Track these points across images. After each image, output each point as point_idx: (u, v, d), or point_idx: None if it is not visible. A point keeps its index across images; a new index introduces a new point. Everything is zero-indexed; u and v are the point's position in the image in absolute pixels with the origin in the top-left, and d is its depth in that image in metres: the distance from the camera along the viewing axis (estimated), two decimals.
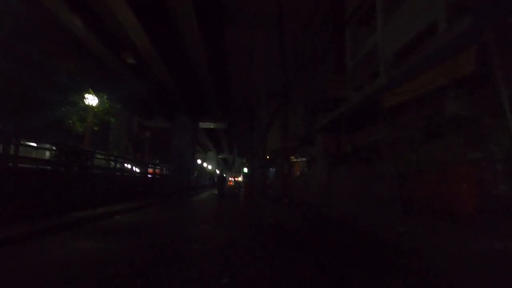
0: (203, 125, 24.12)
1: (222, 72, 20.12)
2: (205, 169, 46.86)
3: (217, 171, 58.88)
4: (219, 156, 59.72)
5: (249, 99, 24.28)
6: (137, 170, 12.70)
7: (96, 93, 8.05)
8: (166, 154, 22.45)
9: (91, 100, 7.89)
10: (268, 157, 26.01)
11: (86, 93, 7.82)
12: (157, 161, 23.42)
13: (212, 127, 24.51)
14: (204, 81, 19.36)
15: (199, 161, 36.53)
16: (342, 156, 11.51)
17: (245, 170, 65.11)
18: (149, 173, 13.99)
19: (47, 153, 6.51)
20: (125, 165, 12.83)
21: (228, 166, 76.60)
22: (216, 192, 21.43)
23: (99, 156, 7.49)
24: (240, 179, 72.26)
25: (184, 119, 22.40)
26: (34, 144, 6.21)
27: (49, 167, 5.86)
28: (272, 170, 28.65)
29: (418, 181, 5.64)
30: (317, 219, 5.84)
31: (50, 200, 5.25)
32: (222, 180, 12.26)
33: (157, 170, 14.67)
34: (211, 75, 18.74)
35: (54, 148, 5.75)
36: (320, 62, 14.10)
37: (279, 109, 13.65)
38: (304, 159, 17.12)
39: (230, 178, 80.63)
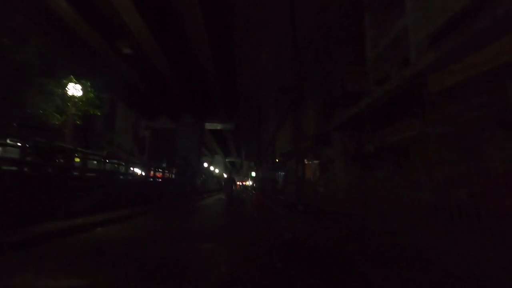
0: (210, 126, 23.08)
1: (229, 68, 19.07)
2: (212, 172, 45.86)
3: (225, 175, 57.96)
4: (226, 160, 58.74)
5: (258, 97, 23.12)
6: (135, 173, 11.62)
7: (78, 80, 6.90)
8: (170, 156, 21.51)
9: (74, 89, 6.79)
10: (277, 160, 24.84)
11: (67, 80, 6.71)
12: (163, 164, 22.47)
13: (219, 128, 23.45)
14: (210, 77, 18.35)
15: (205, 165, 35.53)
16: (365, 157, 10.15)
17: (253, 174, 63.99)
18: (150, 177, 12.93)
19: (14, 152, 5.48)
20: (121, 167, 11.77)
21: (236, 169, 75.58)
22: (223, 197, 20.10)
23: (78, 154, 6.39)
24: (247, 183, 71.01)
25: (190, 119, 21.43)
26: None
27: (15, 168, 4.79)
28: (281, 173, 27.39)
29: (483, 187, 4.26)
30: (353, 235, 4.51)
31: (10, 208, 4.14)
32: (230, 183, 9.65)
33: (158, 174, 13.62)
34: (217, 70, 17.71)
35: (21, 144, 4.67)
36: (337, 53, 12.76)
37: (291, 106, 12.41)
38: (316, 161, 15.78)
39: (238, 182, 79.55)
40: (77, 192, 5.90)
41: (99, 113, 7.30)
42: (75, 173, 6.15)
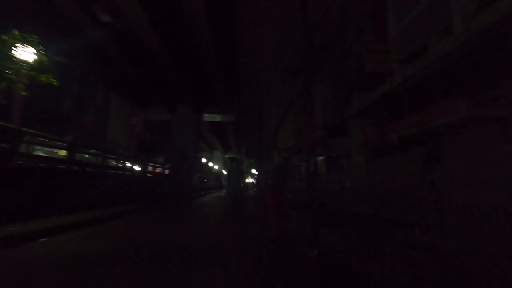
0: (208, 117, 21.52)
1: (231, 51, 17.47)
2: (211, 169, 44.45)
3: (224, 172, 56.77)
4: (226, 156, 57.24)
5: (260, 87, 21.57)
6: (124, 167, 10.09)
7: (25, 37, 5.24)
8: (166, 150, 19.97)
9: (24, 52, 5.17)
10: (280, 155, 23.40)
11: (10, 37, 5.08)
12: (160, 159, 20.91)
13: (218, 119, 21.91)
14: (209, 61, 16.76)
15: (204, 160, 34.07)
16: (389, 149, 8.75)
17: (253, 171, 62.85)
18: (139, 171, 11.45)
19: None
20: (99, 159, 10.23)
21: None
22: (223, 194, 18.56)
23: (26, 138, 4.84)
24: (248, 180, 69.65)
25: (187, 110, 19.89)
26: None
27: None
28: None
29: None
30: (413, 256, 3.01)
31: None
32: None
33: (149, 168, 12.13)
34: (217, 54, 16.12)
35: None
36: (354, 30, 11.16)
37: (300, 91, 10.88)
38: (321, 157, 14.34)
39: None
40: (26, 187, 4.43)
41: (54, 82, 5.72)
42: (20, 162, 4.65)
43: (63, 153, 7.64)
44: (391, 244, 3.33)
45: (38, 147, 6.55)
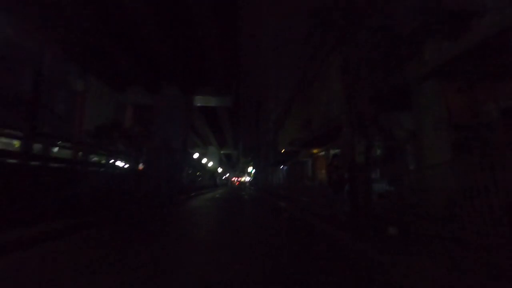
0: (200, 100, 17.88)
1: (229, 16, 13.90)
2: (205, 166, 40.91)
3: (219, 169, 53.28)
4: (222, 152, 53.67)
5: (264, 60, 17.97)
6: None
7: None
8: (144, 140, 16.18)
9: None
10: (283, 151, 20.60)
11: None
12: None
13: (212, 104, 18.25)
14: (202, 28, 13.18)
15: (196, 155, 30.45)
16: (485, 127, 5.64)
17: (250, 169, 59.81)
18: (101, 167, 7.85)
19: None
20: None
21: (232, 164, 70.74)
22: (218, 195, 15.48)
23: None
24: (243, 179, 66.54)
25: (173, 91, 16.25)
26: None
27: None
28: (283, 168, 23.39)
29: None
30: None
31: None
32: None
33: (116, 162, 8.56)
34: (212, 19, 12.56)
35: None
36: None
37: (339, 39, 7.38)
38: (336, 150, 11.07)
39: (234, 178, 75.13)
40: None
41: None
42: None
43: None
44: None
45: None
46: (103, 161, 8.59)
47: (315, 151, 15.79)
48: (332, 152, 12.23)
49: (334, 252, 3.55)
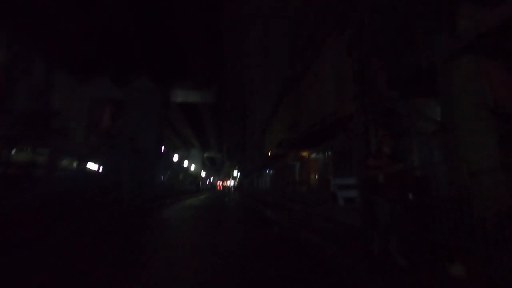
0: (179, 96, 15.95)
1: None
2: (187, 169, 38.61)
3: (203, 173, 51.15)
4: (205, 155, 51.37)
5: (248, 49, 16.40)
6: None
7: None
8: (108, 136, 13.96)
9: None
10: (270, 154, 19.24)
11: None
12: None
13: (193, 100, 16.32)
14: (180, 12, 11.39)
15: (176, 158, 28.27)
16: None
17: (235, 173, 58.06)
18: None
19: None
20: None
21: (216, 168, 68.34)
22: (199, 202, 13.90)
23: None
24: (228, 183, 64.44)
25: (145, 83, 14.28)
26: None
27: None
28: (269, 173, 21.83)
29: None
30: None
31: None
32: None
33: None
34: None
35: None
36: None
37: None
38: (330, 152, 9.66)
39: (219, 182, 72.77)
40: None
41: None
42: None
43: None
44: None
45: None
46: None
47: (305, 153, 14.37)
48: (329, 154, 10.71)
49: None
